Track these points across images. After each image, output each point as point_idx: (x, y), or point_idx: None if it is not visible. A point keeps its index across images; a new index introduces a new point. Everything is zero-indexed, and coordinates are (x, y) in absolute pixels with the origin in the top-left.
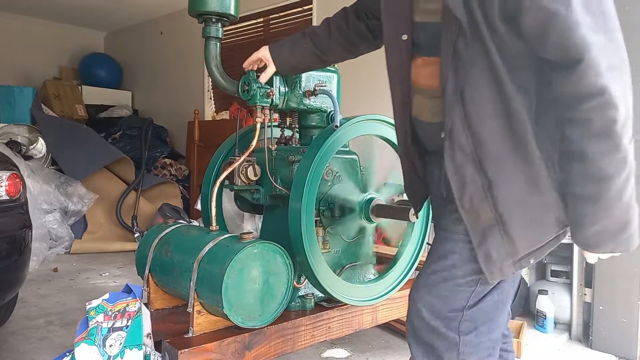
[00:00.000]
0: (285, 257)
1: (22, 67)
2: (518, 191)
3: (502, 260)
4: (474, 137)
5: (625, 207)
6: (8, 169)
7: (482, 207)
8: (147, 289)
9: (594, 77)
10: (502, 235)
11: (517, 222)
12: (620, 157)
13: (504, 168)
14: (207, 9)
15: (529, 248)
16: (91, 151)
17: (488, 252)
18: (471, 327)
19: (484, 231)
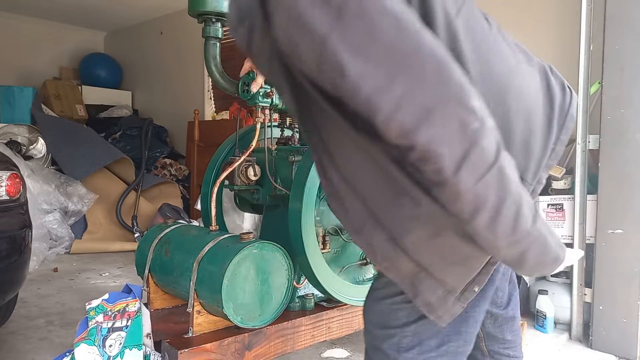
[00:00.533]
0: (285, 257)
1: (22, 67)
2: (422, 237)
3: (443, 302)
4: (356, 192)
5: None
6: (8, 169)
7: (399, 261)
8: (147, 289)
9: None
10: (431, 279)
11: (438, 263)
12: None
13: (398, 218)
14: (206, 9)
15: (464, 280)
16: (91, 151)
17: (426, 300)
18: (414, 342)
19: (413, 282)
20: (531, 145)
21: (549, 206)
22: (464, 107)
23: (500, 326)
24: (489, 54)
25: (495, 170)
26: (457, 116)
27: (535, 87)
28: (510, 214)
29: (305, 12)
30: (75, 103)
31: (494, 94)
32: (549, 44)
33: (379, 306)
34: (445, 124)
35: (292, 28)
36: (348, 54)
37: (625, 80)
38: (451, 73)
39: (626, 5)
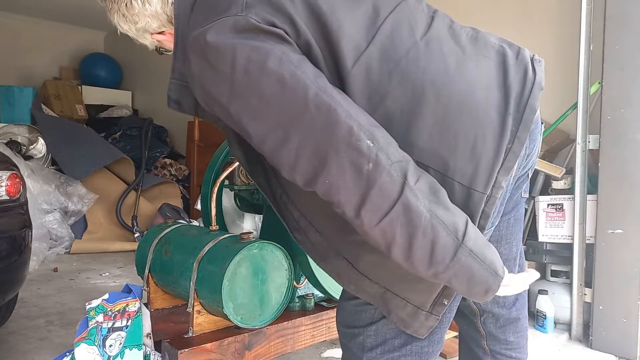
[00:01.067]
0: (285, 257)
1: (22, 67)
2: (373, 261)
3: (415, 318)
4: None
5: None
6: (8, 169)
7: (363, 283)
8: (147, 288)
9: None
10: (398, 300)
11: (398, 284)
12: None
13: (349, 246)
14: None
15: (430, 297)
16: (91, 151)
17: (399, 317)
18: (377, 342)
19: (383, 300)
20: (478, 149)
21: (549, 206)
22: (355, 151)
23: (502, 327)
24: (416, 66)
25: (399, 206)
26: (349, 161)
27: (486, 84)
28: (423, 248)
29: (209, 86)
30: (75, 103)
31: (427, 106)
32: (549, 44)
33: (346, 306)
34: (340, 171)
35: (206, 99)
36: (247, 118)
37: (625, 80)
38: (338, 118)
39: (626, 5)
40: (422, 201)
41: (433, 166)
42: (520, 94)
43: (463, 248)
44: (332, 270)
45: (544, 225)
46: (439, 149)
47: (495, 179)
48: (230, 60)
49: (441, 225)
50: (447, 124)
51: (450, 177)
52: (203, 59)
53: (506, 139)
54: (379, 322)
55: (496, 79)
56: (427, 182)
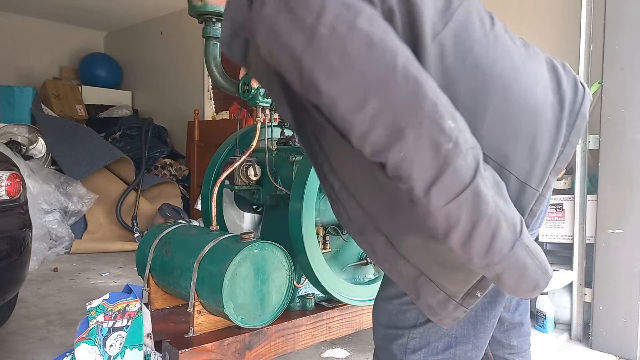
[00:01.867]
0: (285, 257)
1: (22, 67)
2: (418, 244)
3: (444, 307)
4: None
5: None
6: (8, 169)
7: (399, 264)
8: (148, 288)
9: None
10: (431, 284)
11: (436, 269)
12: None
13: (393, 225)
14: (207, 9)
15: (465, 287)
16: (91, 151)
17: (428, 303)
18: (421, 344)
19: (415, 285)
20: (537, 147)
21: (549, 206)
22: (437, 128)
23: (506, 331)
24: (487, 56)
25: (469, 191)
26: (429, 137)
27: (544, 85)
28: (484, 237)
29: (282, 32)
30: (75, 103)
31: (494, 97)
32: (549, 43)
33: (388, 306)
34: (417, 145)
35: (273, 45)
36: (322, 75)
37: (625, 80)
38: (425, 93)
39: (626, 5)
40: (489, 191)
41: (493, 157)
42: (573, 101)
43: (520, 242)
44: (368, 245)
45: (544, 225)
46: (500, 141)
47: (547, 178)
48: (316, 10)
49: (503, 216)
50: (510, 117)
51: (508, 169)
52: (282, 1)
53: (560, 142)
54: (425, 325)
55: (551, 83)
56: (492, 173)
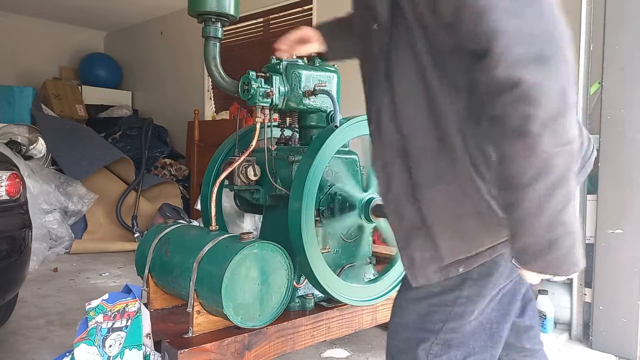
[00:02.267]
0: (285, 257)
1: (22, 67)
2: (443, 195)
3: (425, 265)
4: (402, 131)
5: (549, 224)
6: (8, 169)
7: (407, 209)
8: (147, 289)
9: (505, 68)
10: (426, 240)
11: (442, 228)
12: (538, 163)
13: (430, 169)
14: (206, 8)
15: (456, 256)
16: (91, 151)
17: (411, 256)
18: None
19: (408, 235)
20: None
21: None
22: (569, 81)
23: (517, 334)
24: None
25: (569, 148)
26: (566, 80)
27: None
28: (563, 195)
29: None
30: (75, 103)
31: None
32: None
33: (416, 307)
34: (553, 79)
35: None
36: (505, 15)
37: (625, 80)
38: (570, 54)
39: (626, 5)
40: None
41: None
42: (587, 149)
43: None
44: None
45: None
46: None
47: None
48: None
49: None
50: None
51: None
52: None
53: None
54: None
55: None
56: None
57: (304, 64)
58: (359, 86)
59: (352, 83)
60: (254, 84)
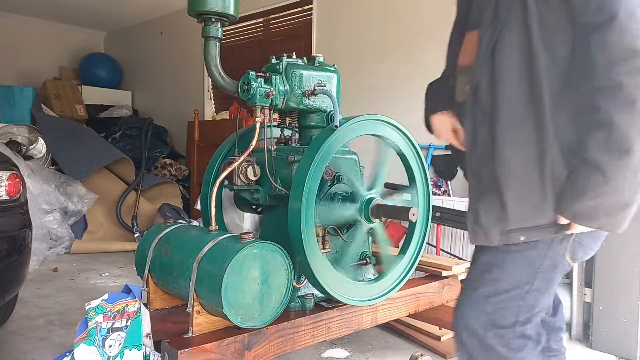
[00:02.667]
0: (284, 257)
1: (22, 67)
2: (521, 160)
3: (490, 225)
4: (495, 97)
5: (636, 187)
6: (8, 169)
7: (485, 169)
8: (147, 289)
9: (627, 38)
10: (496, 201)
11: (514, 191)
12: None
13: (513, 133)
14: (206, 8)
15: (520, 222)
16: (91, 151)
17: (478, 212)
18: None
19: (482, 194)
20: None
21: None
22: None
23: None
24: None
25: None
26: None
27: None
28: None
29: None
30: (75, 103)
31: None
32: None
33: (483, 306)
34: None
35: None
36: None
37: None
38: None
39: None
40: None
41: None
42: None
43: None
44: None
45: None
46: None
47: None
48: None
49: None
50: None
51: None
52: None
53: None
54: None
55: None
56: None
57: (304, 64)
58: (359, 86)
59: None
60: (254, 84)
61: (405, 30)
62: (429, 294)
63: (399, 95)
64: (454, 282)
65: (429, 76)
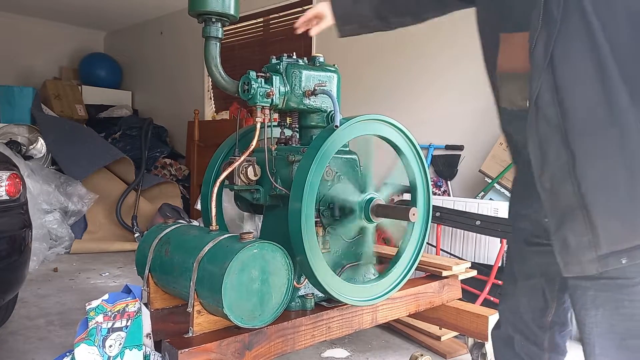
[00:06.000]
0: (285, 256)
1: (22, 67)
2: (608, 172)
3: (582, 251)
4: (562, 105)
5: None
6: (8, 169)
7: (564, 188)
8: (147, 288)
9: None
10: (585, 222)
11: (604, 209)
12: None
13: (594, 144)
14: (207, 8)
15: (617, 244)
16: (91, 151)
17: (565, 238)
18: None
19: (564, 215)
20: None
21: None
22: None
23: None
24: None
25: None
26: None
27: None
28: None
29: None
30: (75, 103)
31: None
32: None
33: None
34: None
35: None
36: None
37: None
38: None
39: None
40: None
41: None
42: None
43: None
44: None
45: None
46: None
47: None
48: None
49: None
50: None
51: None
52: None
53: None
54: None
55: None
56: None
57: (304, 64)
58: (359, 86)
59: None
60: (254, 84)
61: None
62: (429, 294)
63: (399, 95)
64: (454, 282)
65: (429, 76)
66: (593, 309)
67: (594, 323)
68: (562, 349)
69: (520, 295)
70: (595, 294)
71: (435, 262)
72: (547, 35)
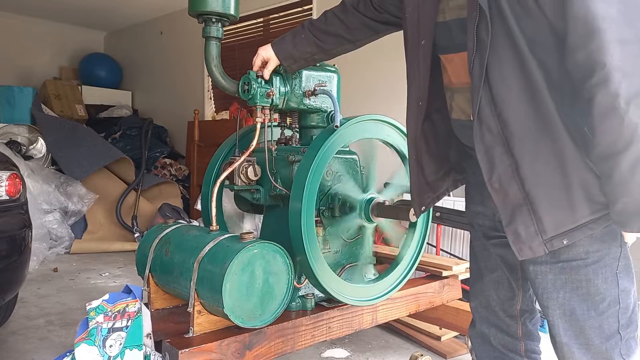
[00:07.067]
0: (285, 257)
1: (22, 67)
2: (545, 170)
3: (530, 239)
4: (500, 117)
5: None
6: (8, 169)
7: (510, 187)
8: (148, 288)
9: (594, 53)
10: (530, 215)
11: (545, 201)
12: (628, 133)
13: (530, 147)
14: (207, 9)
15: (558, 228)
16: (91, 151)
17: (517, 231)
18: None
19: (513, 210)
20: None
21: None
22: None
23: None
24: None
25: None
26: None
27: None
28: None
29: None
30: (75, 103)
31: None
32: None
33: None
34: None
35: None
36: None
37: None
38: None
39: None
40: None
41: None
42: None
43: None
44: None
45: None
46: None
47: None
48: None
49: None
50: None
51: None
52: None
53: None
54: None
55: None
56: None
57: None
58: (359, 86)
59: (353, 83)
60: (254, 84)
61: None
62: (429, 294)
63: (399, 95)
64: (454, 282)
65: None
66: (554, 291)
67: (556, 305)
68: (535, 336)
69: (488, 289)
70: (555, 277)
71: (435, 262)
72: (480, 57)
